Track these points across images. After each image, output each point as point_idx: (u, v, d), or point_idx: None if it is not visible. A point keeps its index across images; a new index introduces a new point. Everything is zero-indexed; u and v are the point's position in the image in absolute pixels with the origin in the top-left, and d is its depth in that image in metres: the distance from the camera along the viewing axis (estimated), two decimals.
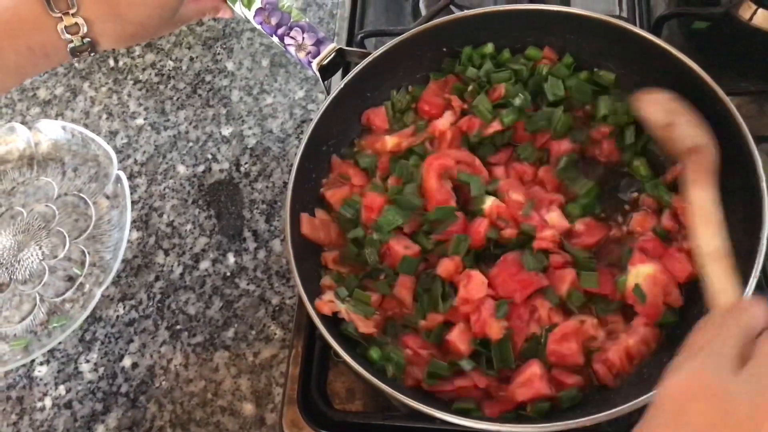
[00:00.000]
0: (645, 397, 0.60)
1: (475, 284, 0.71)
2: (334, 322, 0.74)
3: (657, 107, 0.71)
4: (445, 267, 0.73)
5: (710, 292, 0.58)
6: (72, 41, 0.71)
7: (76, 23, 0.70)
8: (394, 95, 0.87)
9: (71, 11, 0.69)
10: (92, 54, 0.74)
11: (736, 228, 0.71)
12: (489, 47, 0.85)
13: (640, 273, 0.70)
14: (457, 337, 0.70)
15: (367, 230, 0.78)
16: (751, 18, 0.86)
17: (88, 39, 0.72)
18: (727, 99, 0.72)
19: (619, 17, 0.92)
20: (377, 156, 0.84)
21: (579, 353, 0.69)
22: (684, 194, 0.66)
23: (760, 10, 0.86)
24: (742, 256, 0.68)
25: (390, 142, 0.84)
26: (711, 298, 0.58)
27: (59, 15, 0.69)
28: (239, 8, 0.88)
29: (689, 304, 0.71)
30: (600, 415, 0.61)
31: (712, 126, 0.73)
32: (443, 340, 0.72)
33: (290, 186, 0.78)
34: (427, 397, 0.70)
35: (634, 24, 0.92)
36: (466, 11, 0.84)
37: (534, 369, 0.68)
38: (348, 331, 0.73)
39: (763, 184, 0.68)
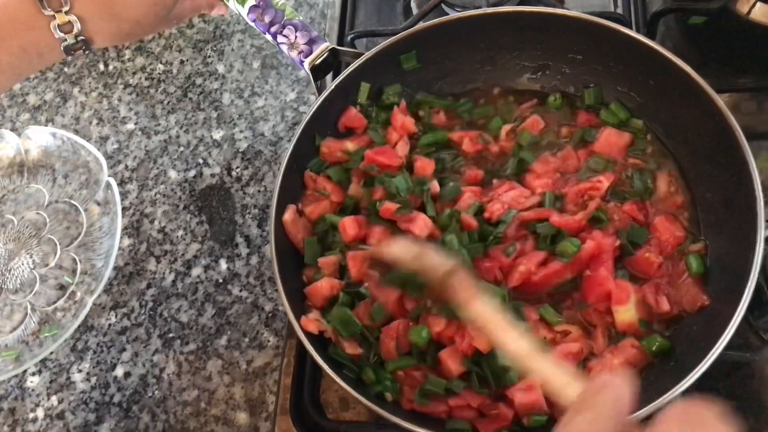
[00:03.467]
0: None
1: (418, 223, 0.73)
2: (321, 342, 0.73)
3: (401, 245, 0.68)
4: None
5: (554, 392, 0.52)
6: (66, 39, 0.70)
7: (70, 21, 0.69)
8: (386, 90, 0.85)
9: (64, 9, 0.68)
10: (86, 52, 0.73)
11: (731, 227, 0.70)
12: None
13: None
14: (448, 355, 0.69)
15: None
16: (749, 12, 0.85)
17: (82, 37, 0.70)
18: (717, 98, 0.70)
19: (614, 14, 0.91)
20: (344, 166, 0.82)
21: None
22: (465, 319, 0.64)
23: (759, 4, 0.84)
24: (739, 255, 0.67)
25: (350, 146, 0.82)
26: (559, 397, 0.52)
27: (52, 13, 0.68)
28: (233, 4, 0.87)
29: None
30: None
31: (704, 125, 0.72)
32: (437, 361, 0.70)
33: (276, 192, 0.76)
34: (421, 418, 0.68)
35: (629, 20, 0.91)
36: (460, 13, 0.83)
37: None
38: (337, 354, 0.71)
39: (757, 183, 0.67)
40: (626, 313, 0.69)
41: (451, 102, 0.86)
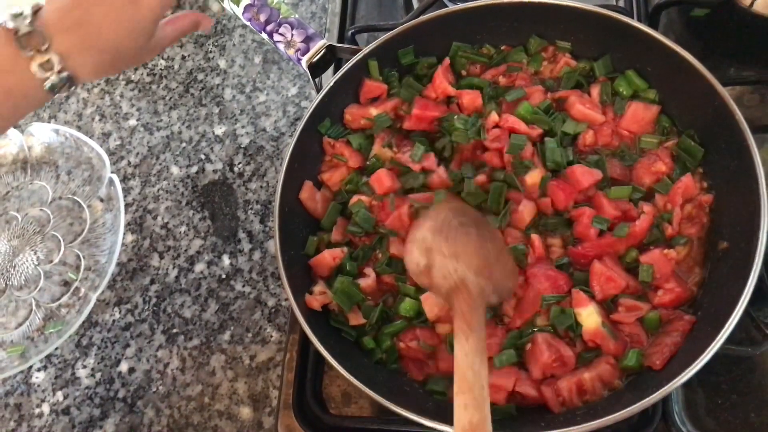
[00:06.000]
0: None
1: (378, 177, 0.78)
2: (323, 324, 0.74)
3: (414, 249, 0.60)
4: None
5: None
6: (48, 78, 0.67)
7: (49, 60, 0.66)
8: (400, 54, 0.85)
9: (43, 47, 0.66)
10: (72, 89, 0.71)
11: (734, 215, 0.70)
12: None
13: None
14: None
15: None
16: (751, 4, 0.84)
17: (66, 73, 0.68)
18: (723, 90, 0.70)
19: (616, 7, 0.90)
20: (367, 132, 0.84)
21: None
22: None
23: None
24: (741, 245, 0.67)
25: (374, 111, 0.83)
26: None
27: (32, 54, 0.66)
28: (228, 5, 0.87)
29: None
30: None
31: (710, 117, 0.72)
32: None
33: (279, 185, 0.77)
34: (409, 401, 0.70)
35: (631, 12, 0.90)
36: (459, 5, 0.83)
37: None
38: (336, 321, 0.74)
39: (760, 173, 0.66)
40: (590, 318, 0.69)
41: (487, 58, 0.86)
